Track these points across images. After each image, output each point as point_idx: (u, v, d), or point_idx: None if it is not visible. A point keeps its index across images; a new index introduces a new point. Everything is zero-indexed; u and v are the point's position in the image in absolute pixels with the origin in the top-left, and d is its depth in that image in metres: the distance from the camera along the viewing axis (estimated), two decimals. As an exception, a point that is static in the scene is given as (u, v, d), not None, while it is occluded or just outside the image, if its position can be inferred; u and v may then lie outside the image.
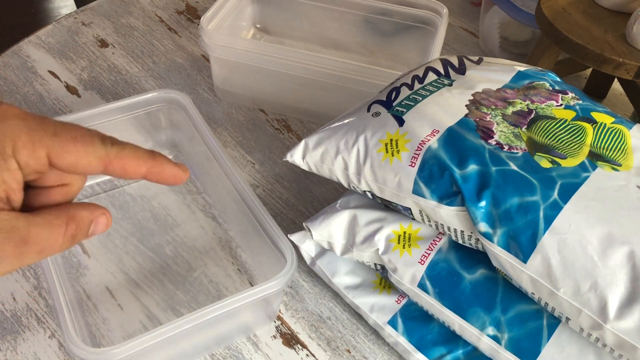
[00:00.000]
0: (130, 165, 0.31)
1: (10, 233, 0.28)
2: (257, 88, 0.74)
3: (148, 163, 0.31)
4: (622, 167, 0.45)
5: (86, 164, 0.30)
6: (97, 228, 0.32)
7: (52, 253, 0.30)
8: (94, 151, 0.30)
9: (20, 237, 0.28)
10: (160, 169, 0.32)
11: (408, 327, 0.50)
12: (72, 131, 0.29)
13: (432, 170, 0.45)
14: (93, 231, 0.32)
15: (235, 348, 0.52)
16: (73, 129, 0.30)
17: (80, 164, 0.30)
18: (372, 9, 0.79)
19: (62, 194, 0.32)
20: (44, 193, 0.31)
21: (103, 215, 0.32)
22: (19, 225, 0.28)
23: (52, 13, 2.27)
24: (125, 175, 0.31)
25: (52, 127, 0.29)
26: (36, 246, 0.29)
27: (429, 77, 0.52)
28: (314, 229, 0.52)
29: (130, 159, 0.31)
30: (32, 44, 0.82)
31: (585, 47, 0.62)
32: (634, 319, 0.39)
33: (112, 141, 0.31)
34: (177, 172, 0.32)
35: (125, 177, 0.31)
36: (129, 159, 0.31)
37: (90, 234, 0.32)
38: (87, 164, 0.30)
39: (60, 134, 0.29)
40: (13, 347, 0.51)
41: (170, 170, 0.32)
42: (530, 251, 0.42)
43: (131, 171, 0.31)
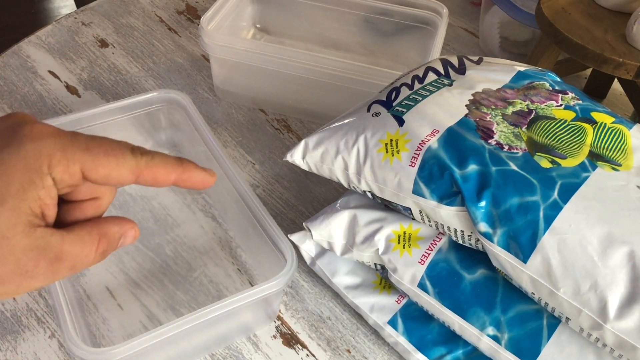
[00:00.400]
0: (160, 174, 0.32)
1: (45, 250, 0.29)
2: (257, 88, 0.74)
3: (177, 170, 0.32)
4: (622, 167, 0.45)
5: (118, 175, 0.31)
6: (125, 241, 0.33)
7: (83, 268, 0.31)
8: (125, 163, 0.31)
9: (54, 254, 0.29)
10: (189, 175, 0.33)
11: (408, 327, 0.50)
12: (103, 145, 0.30)
13: (432, 170, 0.45)
14: (122, 244, 0.33)
15: (235, 348, 0.52)
16: (104, 142, 0.31)
17: (112, 176, 0.30)
18: (372, 9, 0.79)
19: (94, 207, 0.33)
20: (77, 207, 0.33)
21: (132, 229, 0.33)
22: (53, 242, 0.29)
23: (52, 13, 2.27)
24: (155, 184, 0.32)
25: (84, 142, 0.30)
26: (69, 262, 0.30)
27: (429, 77, 0.52)
28: (314, 229, 0.52)
29: (160, 168, 0.32)
30: (32, 44, 0.82)
31: (585, 47, 0.62)
32: (634, 319, 0.39)
33: (141, 151, 0.31)
34: (205, 176, 0.33)
35: (155, 186, 0.32)
36: (159, 168, 0.32)
37: (119, 246, 0.33)
38: (119, 175, 0.31)
39: (92, 148, 0.30)
40: (13, 347, 0.51)
41: (199, 175, 0.33)
42: (530, 251, 0.42)
43: (161, 180, 0.32)
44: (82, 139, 0.30)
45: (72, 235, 0.30)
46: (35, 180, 0.29)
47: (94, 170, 0.30)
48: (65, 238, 0.30)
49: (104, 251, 0.32)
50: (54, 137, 0.30)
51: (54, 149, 0.29)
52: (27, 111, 0.72)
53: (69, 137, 0.30)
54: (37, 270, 0.29)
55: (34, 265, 0.29)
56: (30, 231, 0.29)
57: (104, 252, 0.32)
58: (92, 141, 0.30)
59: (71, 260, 0.30)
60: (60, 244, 0.30)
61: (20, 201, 0.28)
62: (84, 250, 0.31)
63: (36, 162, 0.29)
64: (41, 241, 0.29)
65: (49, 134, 0.30)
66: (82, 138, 0.30)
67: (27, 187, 0.28)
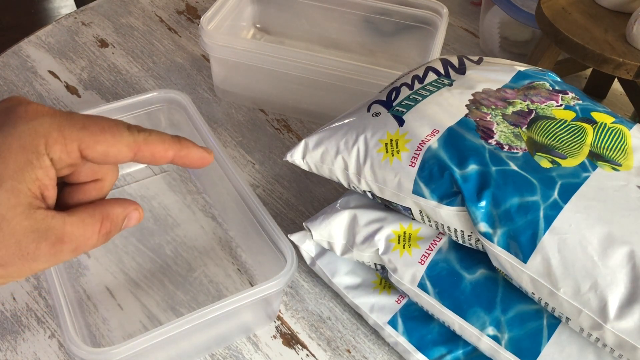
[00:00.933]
0: (157, 150, 0.32)
1: (46, 232, 0.29)
2: (257, 88, 0.74)
3: (175, 147, 0.32)
4: (622, 167, 0.45)
5: (116, 152, 0.30)
6: (129, 222, 0.33)
7: (86, 250, 0.31)
8: (122, 139, 0.30)
9: (55, 235, 0.29)
10: (187, 152, 0.33)
11: (408, 327, 0.50)
12: (99, 122, 0.30)
13: (432, 170, 0.45)
14: (126, 225, 0.33)
15: (235, 348, 0.52)
16: (100, 120, 0.30)
17: (111, 152, 0.30)
18: (372, 9, 0.79)
19: (97, 189, 0.33)
20: (80, 190, 0.32)
21: (135, 210, 0.33)
22: (55, 224, 0.29)
23: (52, 13, 2.27)
24: (153, 161, 0.32)
25: (81, 120, 0.30)
26: (71, 244, 0.30)
27: (429, 77, 0.52)
28: (314, 229, 0.52)
29: (158, 144, 0.32)
30: (32, 44, 0.82)
31: (585, 47, 0.62)
32: (634, 319, 0.39)
33: (138, 129, 0.31)
34: (203, 154, 0.33)
35: (153, 163, 0.32)
36: (156, 144, 0.32)
37: (123, 227, 0.33)
38: (117, 152, 0.31)
39: (88, 126, 0.30)
40: (13, 347, 0.51)
41: (196, 152, 0.33)
42: (530, 251, 0.42)
43: (159, 156, 0.32)
44: (78, 117, 0.30)
45: (74, 217, 0.30)
46: (32, 160, 0.28)
47: (92, 148, 0.30)
48: (67, 220, 0.30)
49: (107, 232, 0.31)
50: (50, 116, 0.29)
51: (50, 128, 0.29)
52: (27, 111, 0.72)
53: (64, 116, 0.30)
54: (38, 252, 0.29)
55: (35, 247, 0.29)
56: (31, 213, 0.28)
57: (107, 234, 0.31)
58: (89, 119, 0.30)
59: (74, 242, 0.30)
60: (62, 226, 0.29)
61: (18, 182, 0.28)
62: (86, 232, 0.30)
63: (32, 141, 0.28)
64: (42, 223, 0.29)
65: (45, 114, 0.29)
66: (78, 117, 0.30)
67: (24, 168, 0.28)
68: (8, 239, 0.28)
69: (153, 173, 0.65)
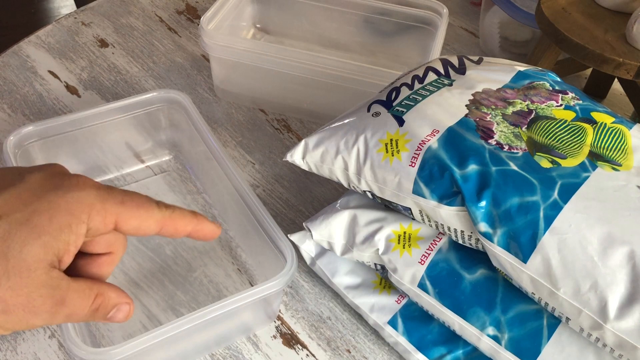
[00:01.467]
0: (180, 225, 0.35)
1: (54, 291, 0.31)
2: (257, 88, 0.74)
3: (193, 222, 0.36)
4: (622, 167, 0.45)
5: (147, 227, 0.34)
6: (117, 315, 0.34)
7: (75, 320, 0.33)
8: (153, 215, 0.34)
9: (60, 296, 0.31)
10: (202, 227, 0.36)
11: (408, 327, 0.50)
12: (135, 199, 0.34)
13: (432, 170, 0.45)
14: (113, 316, 0.34)
15: (235, 348, 0.52)
16: (136, 196, 0.34)
17: (142, 227, 0.34)
18: (372, 9, 0.79)
19: (108, 262, 0.35)
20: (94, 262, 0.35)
21: (127, 304, 0.35)
22: (62, 285, 0.31)
23: (52, 13, 2.27)
24: (174, 234, 0.35)
25: (120, 195, 0.33)
26: (68, 309, 0.32)
27: (429, 77, 0.52)
28: (314, 229, 0.52)
29: (179, 220, 0.35)
30: (32, 44, 0.82)
31: (585, 47, 0.62)
32: (634, 319, 0.39)
33: (165, 205, 0.35)
34: (214, 228, 0.37)
35: (172, 237, 0.35)
36: (179, 219, 0.35)
37: (109, 318, 0.34)
38: (147, 227, 0.34)
39: (126, 202, 0.33)
40: (13, 347, 0.51)
41: (210, 227, 0.37)
42: (530, 251, 0.42)
43: (180, 230, 0.35)
44: (117, 192, 0.33)
45: (76, 284, 0.32)
46: (72, 225, 0.31)
47: (127, 222, 0.33)
48: (71, 285, 0.32)
49: (95, 309, 0.33)
50: (96, 189, 0.32)
51: (95, 200, 0.32)
52: (27, 111, 0.72)
53: (107, 190, 0.33)
54: (42, 308, 0.30)
55: (42, 303, 0.30)
56: (49, 270, 0.30)
57: (95, 312, 0.33)
58: (126, 195, 0.33)
59: (70, 308, 0.32)
60: (67, 289, 0.31)
61: (53, 239, 0.30)
62: (82, 302, 0.32)
63: (78, 208, 0.31)
64: (55, 282, 0.31)
65: (91, 186, 0.33)
66: (117, 192, 0.33)
67: (63, 229, 0.31)
68: (22, 289, 0.30)
69: (153, 173, 0.65)
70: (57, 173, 0.33)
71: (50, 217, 0.30)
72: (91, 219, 0.31)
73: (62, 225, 0.30)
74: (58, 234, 0.30)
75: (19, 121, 0.71)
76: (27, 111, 0.72)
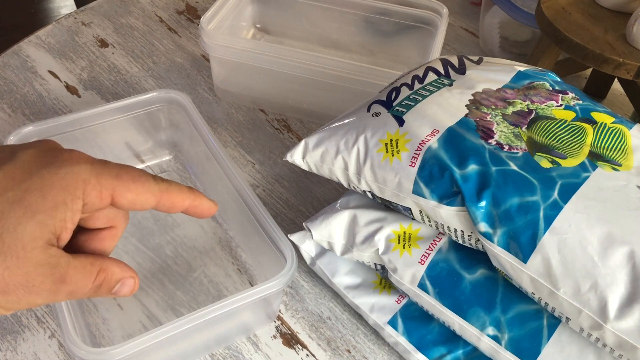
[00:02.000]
0: (176, 199, 0.34)
1: (54, 269, 0.30)
2: (257, 88, 0.74)
3: (190, 197, 0.35)
4: (622, 167, 0.45)
5: (144, 200, 0.33)
6: (122, 289, 0.34)
7: (78, 297, 0.32)
8: (149, 188, 0.33)
9: (60, 274, 0.31)
10: (199, 202, 0.36)
11: (408, 327, 0.50)
12: (130, 172, 0.33)
13: (432, 170, 0.45)
14: (118, 291, 0.34)
15: (235, 348, 0.52)
16: (131, 170, 0.33)
17: (138, 200, 0.33)
18: (372, 9, 0.79)
19: (111, 236, 0.35)
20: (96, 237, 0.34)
21: (132, 278, 0.34)
22: (62, 263, 0.31)
23: (52, 13, 2.27)
24: (171, 209, 0.35)
25: (115, 170, 0.32)
26: (70, 286, 0.31)
27: (429, 77, 0.52)
28: (314, 229, 0.52)
29: (176, 194, 0.34)
30: (32, 44, 0.82)
31: (585, 47, 0.62)
32: (634, 319, 0.39)
33: (160, 179, 0.34)
34: (211, 205, 0.36)
35: (170, 211, 0.35)
36: (176, 193, 0.34)
37: (114, 292, 0.34)
38: (144, 200, 0.33)
39: (121, 175, 0.32)
40: (13, 347, 0.51)
41: (207, 203, 0.36)
42: (530, 251, 0.42)
43: (177, 204, 0.35)
44: (112, 166, 0.32)
45: (77, 261, 0.32)
46: (67, 201, 0.30)
47: (123, 196, 0.32)
48: (72, 262, 0.31)
49: (98, 285, 0.33)
50: (90, 163, 0.32)
51: (90, 174, 0.31)
52: (27, 111, 0.72)
53: (101, 164, 0.32)
54: (42, 287, 0.30)
55: (41, 281, 0.30)
56: (46, 248, 0.30)
57: (99, 288, 0.33)
58: (121, 169, 0.33)
59: (72, 285, 0.31)
60: (67, 267, 0.31)
61: (49, 217, 0.30)
62: (84, 279, 0.32)
63: (73, 184, 0.30)
64: (53, 260, 0.30)
65: (86, 161, 0.32)
66: (112, 165, 0.32)
67: (59, 206, 0.30)
68: (20, 268, 0.29)
69: (153, 173, 0.65)
70: (50, 149, 0.32)
71: (44, 194, 0.30)
72: (86, 194, 0.31)
73: (56, 203, 0.30)
74: (53, 212, 0.30)
75: (19, 121, 0.71)
76: (27, 111, 0.72)
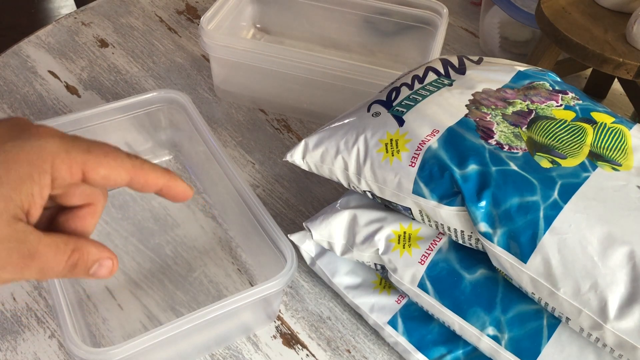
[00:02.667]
0: (151, 177, 0.33)
1: (20, 244, 0.29)
2: (257, 88, 0.74)
3: (165, 177, 0.34)
4: (622, 167, 0.45)
5: (116, 176, 0.32)
6: (100, 270, 0.33)
7: (51, 276, 0.31)
8: (122, 163, 0.32)
9: (28, 250, 0.30)
10: (174, 184, 0.35)
11: (408, 327, 0.50)
12: (102, 147, 0.32)
13: (432, 170, 0.45)
14: (95, 272, 0.33)
15: (235, 348, 0.52)
16: (103, 145, 0.32)
17: (111, 176, 0.32)
18: (372, 9, 0.79)
19: (91, 213, 0.34)
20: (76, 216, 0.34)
21: (109, 259, 0.33)
22: (31, 239, 0.30)
23: (52, 13, 2.27)
24: (145, 187, 0.34)
25: (85, 144, 0.31)
26: (39, 264, 0.30)
27: (429, 77, 0.52)
28: (314, 229, 0.52)
29: (151, 172, 0.33)
30: (32, 44, 0.82)
31: (585, 47, 0.62)
32: (634, 319, 0.39)
33: (134, 156, 0.33)
34: (187, 188, 0.35)
35: (144, 190, 0.34)
36: (150, 171, 0.33)
37: (92, 273, 0.33)
38: (117, 176, 0.32)
39: (93, 150, 0.31)
40: (13, 347, 0.51)
41: (182, 185, 0.35)
42: (530, 251, 0.42)
43: (151, 183, 0.34)
44: (83, 141, 0.31)
45: (49, 239, 0.31)
46: (34, 175, 0.29)
47: (95, 171, 0.31)
48: (42, 239, 0.30)
49: (73, 264, 0.32)
50: (59, 138, 0.31)
51: (59, 149, 0.30)
52: (27, 111, 0.72)
53: (71, 138, 0.31)
54: (8, 261, 0.29)
55: (7, 256, 0.29)
56: (13, 222, 0.29)
57: (73, 266, 0.32)
58: (93, 144, 0.32)
59: (42, 262, 0.30)
60: (37, 244, 0.30)
61: (13, 191, 0.29)
62: (56, 257, 0.31)
63: (39, 158, 0.30)
64: (20, 235, 0.29)
65: (54, 135, 0.31)
66: (83, 140, 0.31)
67: (25, 180, 0.29)
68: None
69: (153, 173, 0.65)
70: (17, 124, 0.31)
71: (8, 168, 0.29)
72: (55, 168, 0.30)
73: (22, 176, 0.29)
74: (18, 185, 0.29)
75: (19, 121, 0.70)
76: (27, 111, 0.72)
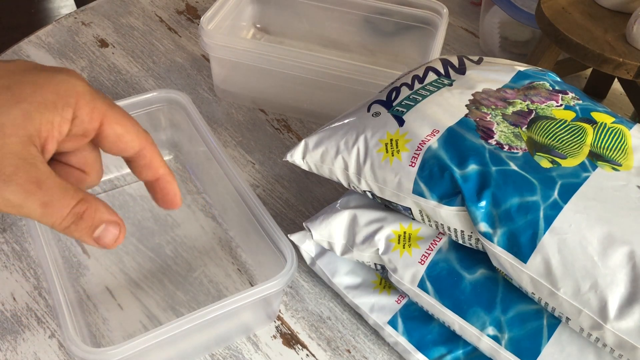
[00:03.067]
0: (155, 160, 0.33)
1: (29, 167, 0.28)
2: (257, 88, 0.74)
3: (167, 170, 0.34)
4: (622, 167, 0.45)
5: (129, 139, 0.32)
6: (105, 235, 0.31)
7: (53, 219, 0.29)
8: (138, 131, 0.32)
9: (36, 177, 0.28)
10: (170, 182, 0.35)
11: (408, 327, 0.50)
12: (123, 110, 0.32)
13: (432, 170, 0.45)
14: (100, 236, 0.31)
15: (235, 348, 0.52)
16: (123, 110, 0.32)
17: (125, 137, 0.32)
18: (372, 9, 0.79)
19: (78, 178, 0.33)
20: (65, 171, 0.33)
21: (117, 225, 0.32)
22: (40, 167, 0.29)
23: (52, 13, 2.27)
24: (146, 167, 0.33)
25: (109, 100, 0.31)
26: (44, 195, 0.29)
27: (429, 77, 0.52)
28: (314, 229, 0.52)
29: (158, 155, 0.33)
30: (32, 44, 0.82)
31: (585, 47, 0.62)
32: (634, 319, 0.39)
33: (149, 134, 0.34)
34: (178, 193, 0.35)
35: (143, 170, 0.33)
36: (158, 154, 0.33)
37: (96, 237, 0.31)
38: (130, 139, 0.32)
39: (115, 107, 0.31)
40: (13, 347, 0.51)
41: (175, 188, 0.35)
42: (530, 251, 0.42)
43: (155, 165, 0.33)
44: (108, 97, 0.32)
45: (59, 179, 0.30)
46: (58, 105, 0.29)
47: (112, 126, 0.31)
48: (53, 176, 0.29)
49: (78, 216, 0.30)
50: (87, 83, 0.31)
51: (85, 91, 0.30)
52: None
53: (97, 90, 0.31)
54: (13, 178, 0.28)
55: (13, 172, 0.28)
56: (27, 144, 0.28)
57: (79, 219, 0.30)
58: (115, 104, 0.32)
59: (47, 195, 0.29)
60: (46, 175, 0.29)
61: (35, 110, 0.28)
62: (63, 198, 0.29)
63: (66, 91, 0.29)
64: (31, 159, 0.28)
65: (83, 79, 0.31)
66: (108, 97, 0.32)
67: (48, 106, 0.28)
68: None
69: (153, 173, 0.65)
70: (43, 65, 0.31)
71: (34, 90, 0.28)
72: (78, 106, 0.29)
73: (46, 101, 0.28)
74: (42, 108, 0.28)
75: (19, 121, 0.70)
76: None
